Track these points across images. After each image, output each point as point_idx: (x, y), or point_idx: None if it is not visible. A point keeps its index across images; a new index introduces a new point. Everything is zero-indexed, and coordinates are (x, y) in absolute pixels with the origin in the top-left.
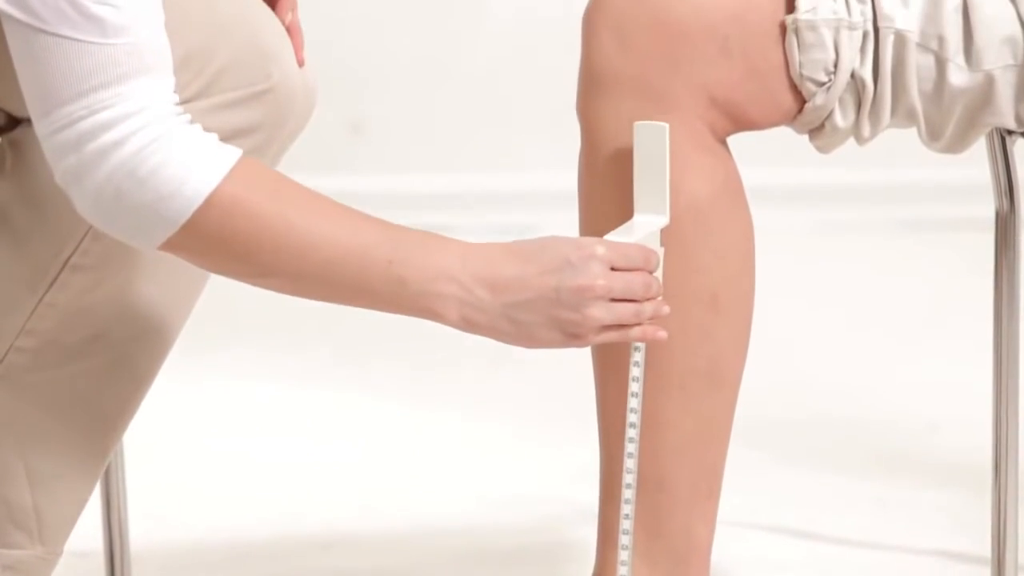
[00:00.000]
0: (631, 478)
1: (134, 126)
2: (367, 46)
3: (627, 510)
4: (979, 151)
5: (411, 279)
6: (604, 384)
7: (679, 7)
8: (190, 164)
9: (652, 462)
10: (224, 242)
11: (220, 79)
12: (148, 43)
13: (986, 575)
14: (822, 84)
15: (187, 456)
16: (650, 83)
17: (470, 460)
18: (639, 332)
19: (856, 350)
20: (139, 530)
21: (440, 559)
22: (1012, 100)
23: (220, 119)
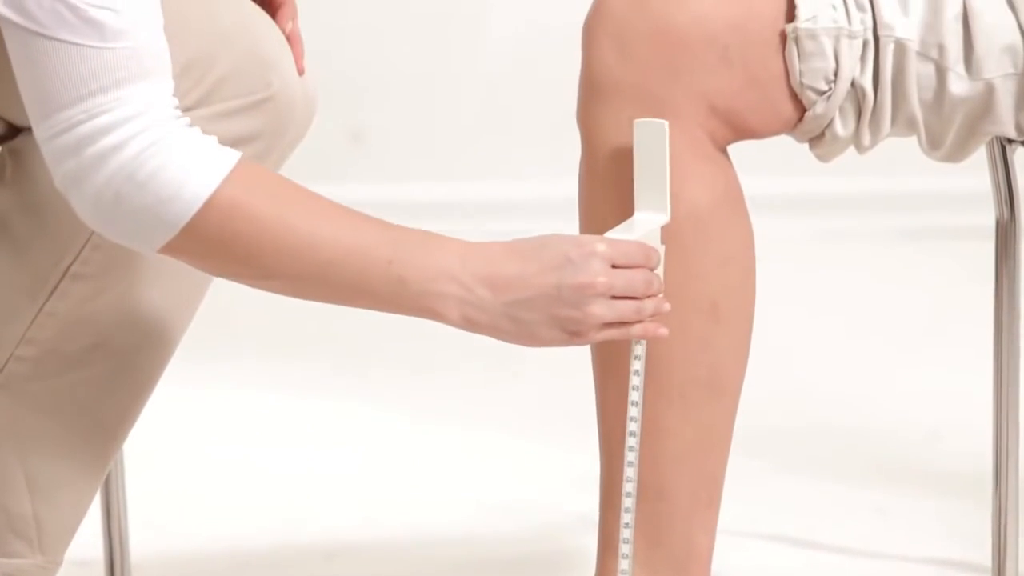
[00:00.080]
0: (631, 486)
1: (133, 130)
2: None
3: (627, 518)
4: (979, 160)
5: (411, 279)
6: (604, 391)
7: (679, 16)
8: (189, 167)
9: (652, 470)
10: (224, 244)
11: (220, 88)
12: (147, 47)
13: None
14: (822, 93)
15: (188, 465)
16: (650, 92)
17: (470, 468)
18: (640, 329)
19: (856, 358)
20: (139, 539)
21: (441, 568)
22: (1012, 109)
23: (220, 128)
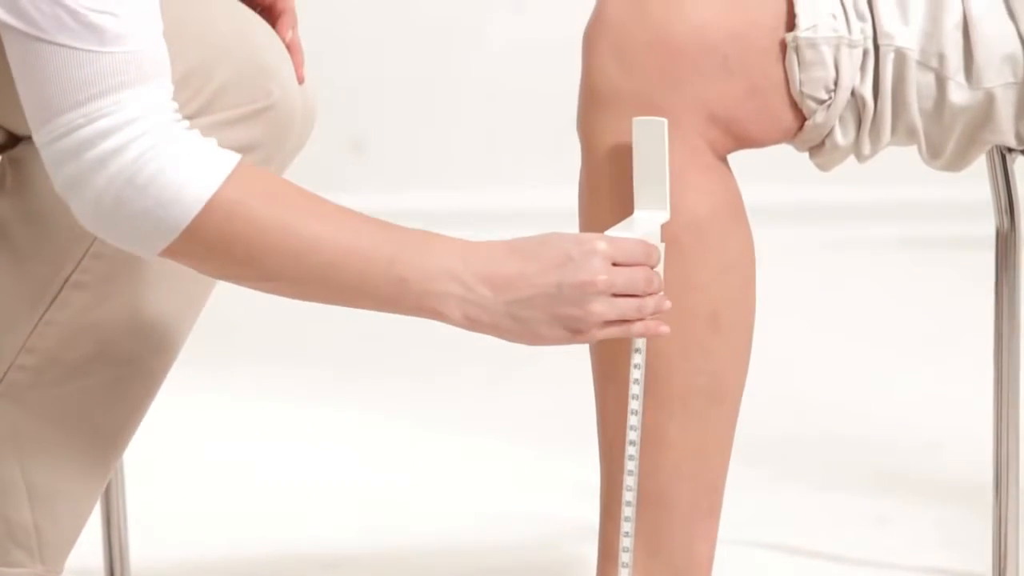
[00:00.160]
0: (631, 495)
1: (133, 133)
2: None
3: (627, 527)
4: (979, 169)
5: (413, 279)
6: (604, 399)
7: (679, 25)
8: (189, 170)
9: (652, 479)
10: (225, 247)
11: (220, 97)
12: (147, 51)
13: None
14: (822, 102)
15: (188, 474)
16: (650, 101)
17: (470, 477)
18: (641, 327)
19: (857, 368)
20: (139, 548)
21: None
22: (1012, 118)
23: (220, 137)
